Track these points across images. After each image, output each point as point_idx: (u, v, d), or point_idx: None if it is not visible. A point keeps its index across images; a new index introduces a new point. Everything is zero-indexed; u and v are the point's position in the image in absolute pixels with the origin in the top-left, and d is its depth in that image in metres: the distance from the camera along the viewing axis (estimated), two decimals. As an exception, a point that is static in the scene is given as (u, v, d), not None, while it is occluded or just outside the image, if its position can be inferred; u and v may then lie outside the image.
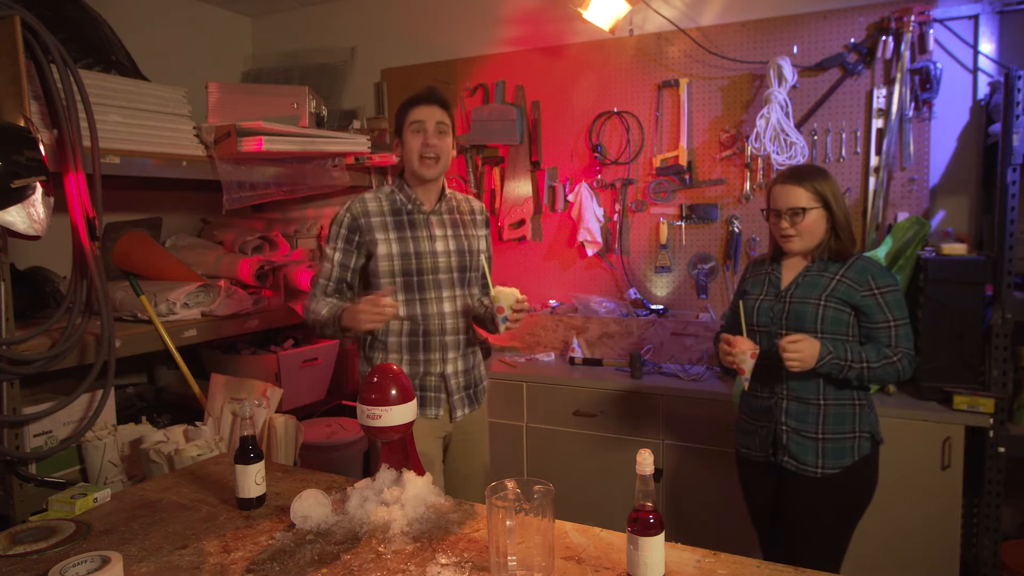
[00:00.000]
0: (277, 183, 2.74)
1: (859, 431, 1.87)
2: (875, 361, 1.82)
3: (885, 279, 1.87)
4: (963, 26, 2.64)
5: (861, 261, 1.89)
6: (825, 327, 1.86)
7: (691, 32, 3.01)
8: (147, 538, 1.44)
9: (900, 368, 1.83)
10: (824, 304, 1.86)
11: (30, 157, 1.77)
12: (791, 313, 1.89)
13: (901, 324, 1.85)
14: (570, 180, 3.31)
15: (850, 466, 1.85)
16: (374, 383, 1.48)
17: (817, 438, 1.86)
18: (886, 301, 1.85)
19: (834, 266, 1.90)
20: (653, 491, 1.17)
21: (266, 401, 2.42)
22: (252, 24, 3.99)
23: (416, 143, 2.02)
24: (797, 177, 1.90)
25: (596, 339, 3.19)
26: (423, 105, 2.04)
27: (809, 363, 1.79)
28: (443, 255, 2.06)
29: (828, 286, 1.88)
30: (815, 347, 1.79)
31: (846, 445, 1.86)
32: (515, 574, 1.20)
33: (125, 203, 3.05)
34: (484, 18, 3.44)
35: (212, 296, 2.61)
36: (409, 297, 2.03)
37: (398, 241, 2.03)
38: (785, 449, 1.89)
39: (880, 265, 1.91)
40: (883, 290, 1.85)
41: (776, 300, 1.94)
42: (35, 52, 1.90)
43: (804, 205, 1.87)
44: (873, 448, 1.89)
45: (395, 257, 2.02)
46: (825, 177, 1.90)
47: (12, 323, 1.91)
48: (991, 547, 2.38)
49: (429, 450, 2.04)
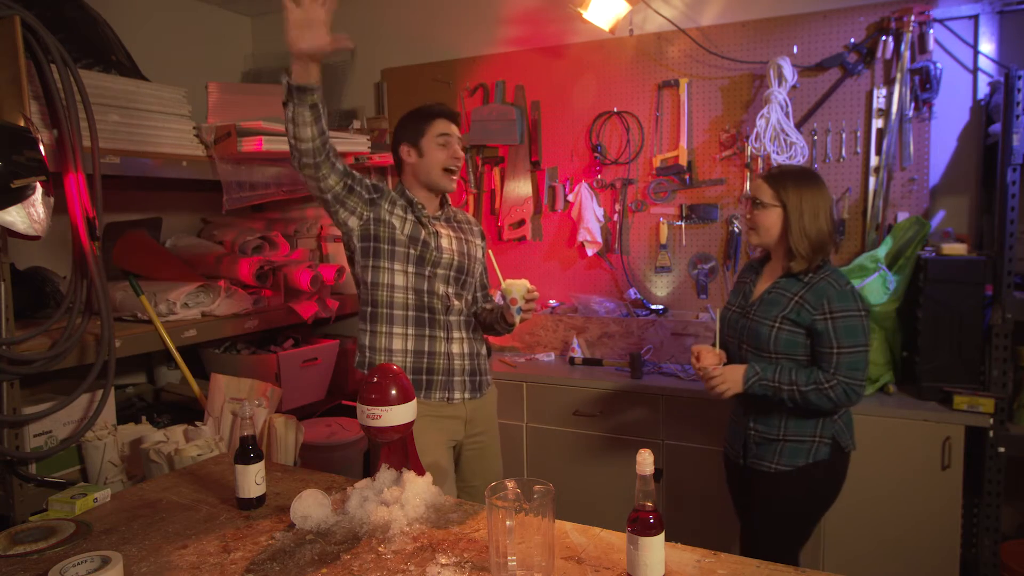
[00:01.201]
0: (277, 183, 2.74)
1: (820, 436, 1.87)
2: (805, 384, 1.79)
3: (842, 303, 1.79)
4: (963, 26, 2.64)
5: (824, 281, 1.83)
6: (779, 349, 1.86)
7: (691, 32, 3.01)
8: (147, 538, 1.44)
9: (833, 396, 1.78)
10: (778, 327, 1.85)
11: (30, 157, 1.77)
12: (749, 332, 1.92)
13: (846, 352, 1.79)
14: (570, 180, 3.31)
15: (803, 467, 1.87)
16: (374, 383, 1.48)
17: (779, 439, 1.90)
18: (835, 327, 1.79)
19: (797, 285, 1.86)
20: (653, 491, 1.17)
21: (266, 401, 2.42)
22: (252, 24, 3.99)
23: (443, 155, 2.03)
24: (771, 174, 1.91)
25: (596, 339, 3.19)
26: (449, 120, 2.05)
27: (736, 388, 1.86)
28: (447, 251, 2.07)
29: (786, 306, 1.85)
30: (738, 372, 1.85)
31: (803, 447, 1.88)
32: (515, 574, 1.20)
33: (125, 203, 3.05)
34: (484, 18, 3.44)
35: (212, 296, 2.61)
36: (419, 271, 2.03)
37: (410, 223, 2.04)
38: (751, 451, 1.95)
39: (842, 287, 1.82)
40: (836, 315, 1.79)
41: (741, 314, 1.97)
42: (35, 52, 1.90)
43: (763, 200, 1.88)
44: (834, 455, 1.88)
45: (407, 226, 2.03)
46: (804, 184, 1.85)
47: (12, 323, 1.91)
48: (991, 547, 2.38)
49: (441, 460, 2.03)
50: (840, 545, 2.41)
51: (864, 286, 2.53)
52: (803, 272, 1.86)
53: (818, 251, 1.85)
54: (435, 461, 1.97)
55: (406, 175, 2.10)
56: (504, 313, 2.05)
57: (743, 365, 1.87)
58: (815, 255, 1.85)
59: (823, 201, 1.86)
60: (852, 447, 1.93)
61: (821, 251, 1.85)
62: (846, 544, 2.41)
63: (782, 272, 1.91)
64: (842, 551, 2.42)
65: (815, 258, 1.85)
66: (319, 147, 1.82)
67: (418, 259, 2.03)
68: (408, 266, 2.02)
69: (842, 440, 1.89)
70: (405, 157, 2.07)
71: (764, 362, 1.88)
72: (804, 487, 1.89)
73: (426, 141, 2.03)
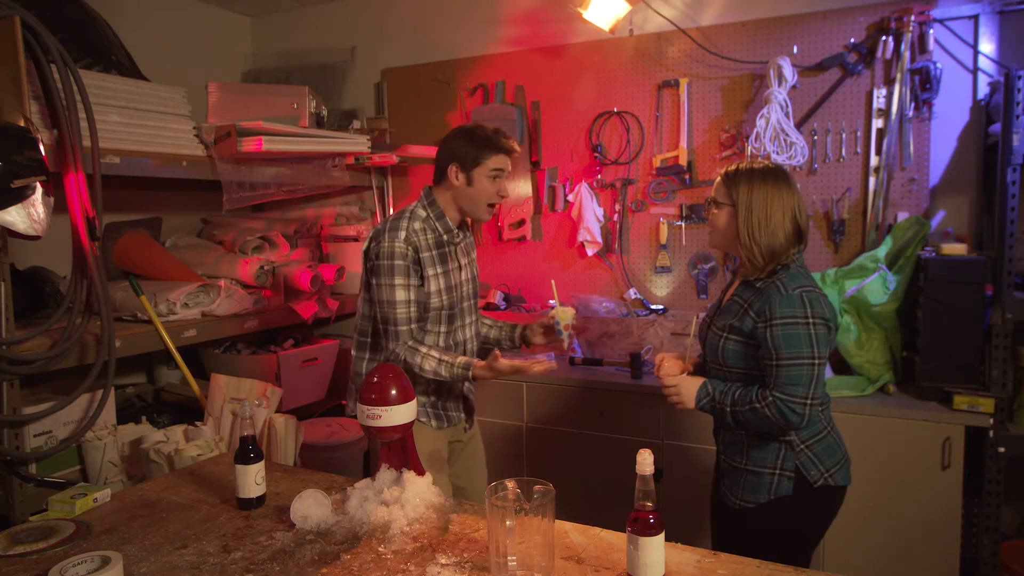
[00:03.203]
0: (277, 183, 2.74)
1: (780, 469, 1.69)
2: (743, 405, 1.65)
3: (784, 308, 1.61)
4: (963, 26, 2.64)
5: (771, 288, 1.66)
6: (728, 361, 1.72)
7: (691, 32, 3.01)
8: (147, 538, 1.44)
9: (769, 414, 1.60)
10: (726, 336, 1.72)
11: (30, 157, 1.77)
12: (708, 343, 1.80)
13: (786, 364, 1.60)
14: (570, 180, 3.31)
15: (764, 503, 1.70)
16: (374, 383, 1.48)
17: (742, 468, 1.75)
18: (773, 334, 1.61)
19: (749, 291, 1.72)
20: (653, 491, 1.17)
21: (266, 401, 2.42)
22: (252, 24, 3.99)
23: (492, 189, 1.99)
24: (727, 172, 1.74)
25: (596, 339, 3.18)
26: (507, 156, 2.00)
27: (689, 403, 1.73)
28: (466, 284, 2.10)
29: (736, 315, 1.71)
30: (693, 387, 1.73)
31: (764, 481, 1.70)
32: (515, 574, 1.20)
33: (125, 203, 3.05)
34: (484, 18, 3.44)
35: (212, 296, 2.61)
36: (448, 328, 2.06)
37: (443, 276, 2.02)
38: (723, 479, 1.84)
39: (787, 292, 1.63)
40: (775, 321, 1.61)
41: (708, 325, 1.85)
42: (35, 52, 1.90)
43: (715, 198, 1.76)
44: (797, 490, 1.68)
45: (443, 292, 2.01)
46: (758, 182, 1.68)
47: (12, 323, 1.91)
48: (991, 547, 2.38)
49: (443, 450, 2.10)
50: (840, 545, 2.41)
51: (864, 286, 2.53)
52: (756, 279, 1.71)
53: (771, 257, 1.67)
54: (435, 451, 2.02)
55: (443, 191, 2.04)
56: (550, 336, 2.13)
57: (700, 379, 1.75)
58: (767, 261, 1.67)
59: (780, 201, 1.67)
60: (824, 481, 1.69)
61: (774, 257, 1.67)
62: (846, 544, 2.41)
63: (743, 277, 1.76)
64: (842, 551, 2.42)
65: (767, 264, 1.68)
66: None
67: (449, 319, 2.04)
68: (440, 326, 2.04)
69: (808, 473, 1.68)
70: (452, 178, 1.99)
71: (719, 377, 1.77)
72: (766, 528, 1.71)
73: (479, 172, 1.97)
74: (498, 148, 1.98)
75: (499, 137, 1.99)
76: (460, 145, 1.99)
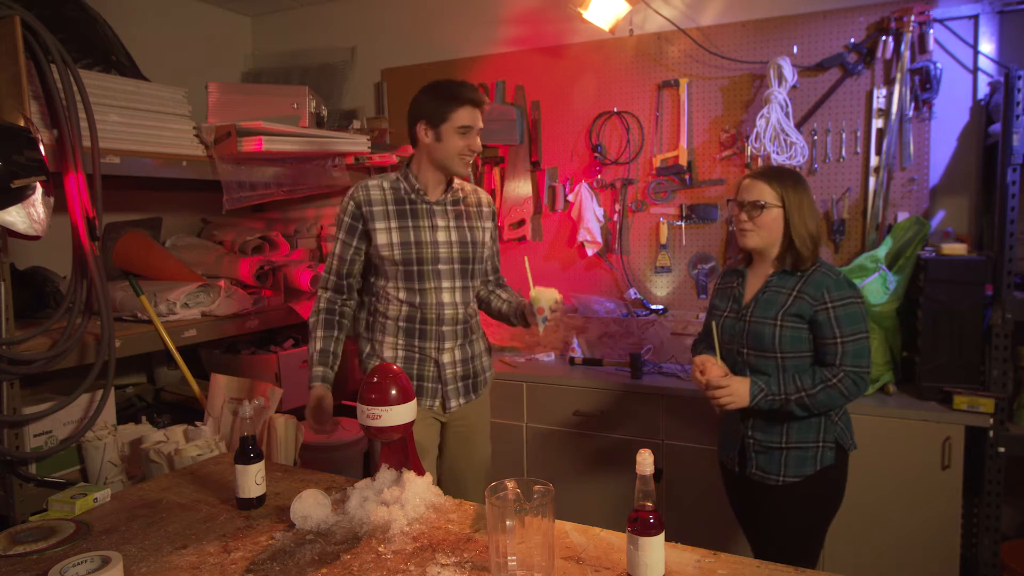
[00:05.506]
0: (277, 183, 2.74)
1: (823, 441, 1.85)
2: (812, 388, 1.77)
3: (840, 291, 1.79)
4: (963, 26, 2.64)
5: (819, 273, 1.83)
6: (784, 348, 1.82)
7: (691, 32, 3.01)
8: (147, 538, 1.44)
9: (843, 388, 1.76)
10: (781, 324, 1.82)
11: (30, 157, 1.77)
12: (750, 334, 1.87)
13: (850, 340, 1.77)
14: (570, 180, 3.31)
15: (811, 475, 1.84)
16: (374, 383, 1.48)
17: (782, 448, 1.86)
18: (836, 316, 1.77)
19: (792, 279, 1.85)
20: (653, 491, 1.17)
21: (266, 401, 2.42)
22: (252, 24, 3.99)
23: (461, 143, 1.98)
24: (767, 175, 1.87)
25: (596, 339, 3.19)
26: (473, 108, 1.97)
27: (742, 402, 1.81)
28: (444, 245, 2.05)
29: (785, 303, 1.82)
30: (744, 386, 1.81)
31: (809, 455, 1.84)
32: (515, 574, 1.20)
33: (125, 203, 3.05)
34: (484, 18, 3.44)
35: (212, 296, 2.61)
36: (408, 286, 2.04)
37: (399, 230, 2.02)
38: (752, 461, 1.91)
39: (837, 276, 1.82)
40: (836, 304, 1.78)
41: (737, 318, 1.92)
42: (35, 52, 1.90)
43: (765, 200, 1.83)
44: (838, 458, 1.86)
45: (395, 246, 2.01)
46: (796, 183, 1.85)
47: (12, 323, 1.91)
48: (991, 547, 2.38)
49: (424, 440, 2.03)
50: (840, 545, 2.41)
51: (864, 286, 2.53)
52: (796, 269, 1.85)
53: (816, 246, 1.85)
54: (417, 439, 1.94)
55: (419, 153, 2.05)
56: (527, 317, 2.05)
57: (747, 378, 1.82)
58: (816, 250, 1.85)
59: (810, 197, 1.88)
60: (853, 447, 1.91)
61: (817, 246, 1.86)
62: (846, 544, 2.41)
63: (773, 271, 1.89)
64: (842, 551, 2.42)
65: (816, 253, 1.85)
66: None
67: (406, 275, 2.03)
68: (399, 282, 2.04)
69: (844, 442, 1.87)
70: (421, 136, 2.00)
71: (767, 367, 1.84)
72: (816, 496, 1.86)
73: (447, 128, 1.96)
74: (462, 100, 1.95)
75: (464, 88, 1.97)
76: (425, 101, 1.98)
